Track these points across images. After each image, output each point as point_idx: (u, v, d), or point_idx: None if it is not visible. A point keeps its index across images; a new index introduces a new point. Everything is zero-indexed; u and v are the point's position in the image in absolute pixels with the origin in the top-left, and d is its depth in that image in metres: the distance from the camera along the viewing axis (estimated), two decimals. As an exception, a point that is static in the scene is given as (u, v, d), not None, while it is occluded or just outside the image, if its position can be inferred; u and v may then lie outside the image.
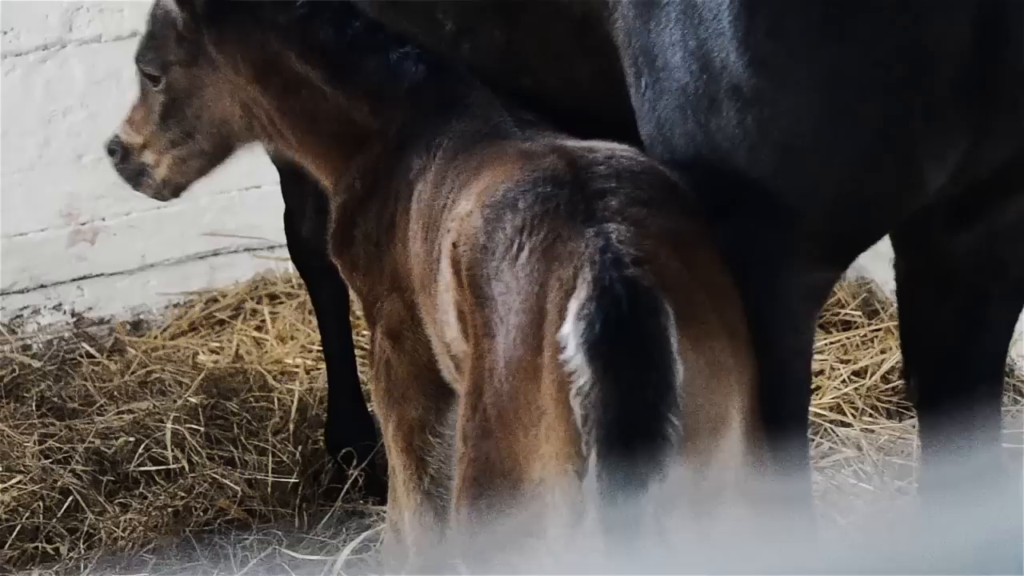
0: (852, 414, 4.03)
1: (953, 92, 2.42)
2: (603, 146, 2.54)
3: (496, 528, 2.28)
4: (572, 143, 2.61)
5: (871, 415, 4.04)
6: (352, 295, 3.53)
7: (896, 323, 4.32)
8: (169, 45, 3.18)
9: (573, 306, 2.20)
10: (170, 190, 3.37)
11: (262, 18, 3.10)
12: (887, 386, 4.14)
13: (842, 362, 4.23)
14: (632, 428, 2.14)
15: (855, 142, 2.43)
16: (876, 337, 4.33)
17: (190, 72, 3.18)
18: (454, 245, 2.52)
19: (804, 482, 2.70)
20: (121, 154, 3.37)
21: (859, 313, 4.43)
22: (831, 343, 4.30)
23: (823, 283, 2.66)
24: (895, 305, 4.39)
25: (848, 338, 4.32)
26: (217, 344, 4.69)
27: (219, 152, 3.28)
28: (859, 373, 4.20)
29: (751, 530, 2.22)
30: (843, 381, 4.14)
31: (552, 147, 2.60)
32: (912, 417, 3.97)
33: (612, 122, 2.64)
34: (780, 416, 2.54)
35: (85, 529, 3.84)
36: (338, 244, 3.11)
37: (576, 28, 2.68)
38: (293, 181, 3.80)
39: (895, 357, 4.18)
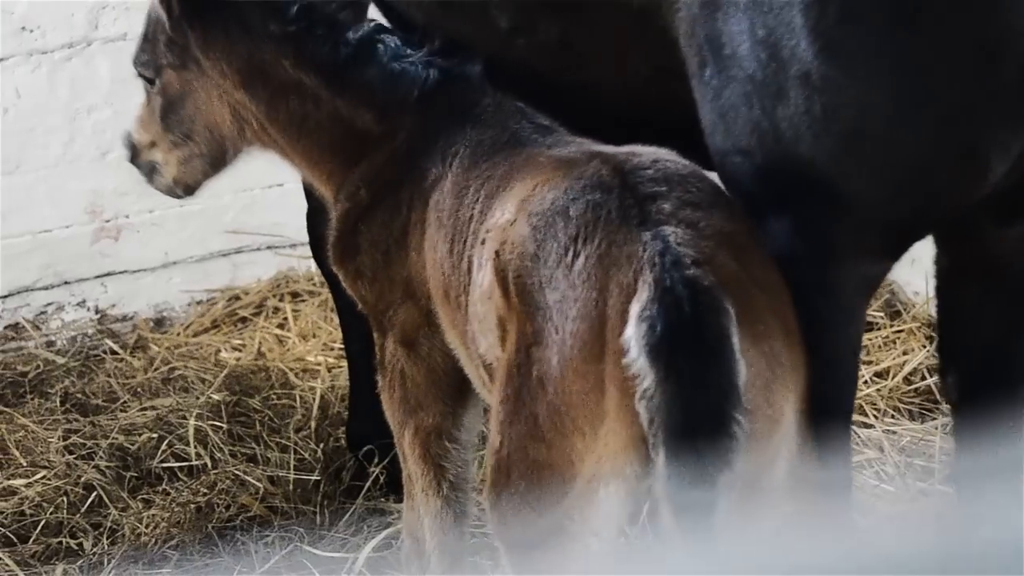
0: (874, 415, 4.03)
1: (1020, 82, 2.42)
2: (645, 151, 2.54)
3: (541, 521, 2.30)
4: (609, 149, 2.60)
5: (893, 416, 4.04)
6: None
7: (919, 324, 4.32)
8: (160, 48, 3.18)
9: (635, 309, 2.21)
10: (181, 188, 3.38)
11: (251, 25, 3.08)
12: (909, 387, 4.13)
13: (864, 363, 4.22)
14: (698, 429, 2.14)
15: (922, 130, 2.43)
16: (898, 338, 4.32)
17: (181, 76, 3.18)
18: (497, 254, 2.51)
19: (847, 478, 2.70)
20: (132, 151, 3.38)
21: (881, 314, 4.42)
22: (853, 344, 4.29)
23: (876, 274, 2.66)
24: (917, 306, 4.39)
25: (870, 339, 4.31)
26: (239, 341, 4.71)
27: (218, 155, 3.28)
28: (881, 374, 4.19)
29: (798, 525, 2.24)
30: (865, 382, 4.13)
31: (591, 153, 2.59)
32: (934, 419, 3.97)
33: (665, 114, 2.65)
34: (829, 411, 2.54)
35: (108, 525, 3.86)
36: (341, 253, 3.09)
37: (633, 21, 2.69)
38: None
39: (917, 358, 4.18)
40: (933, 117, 2.43)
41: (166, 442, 4.08)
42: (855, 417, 4.01)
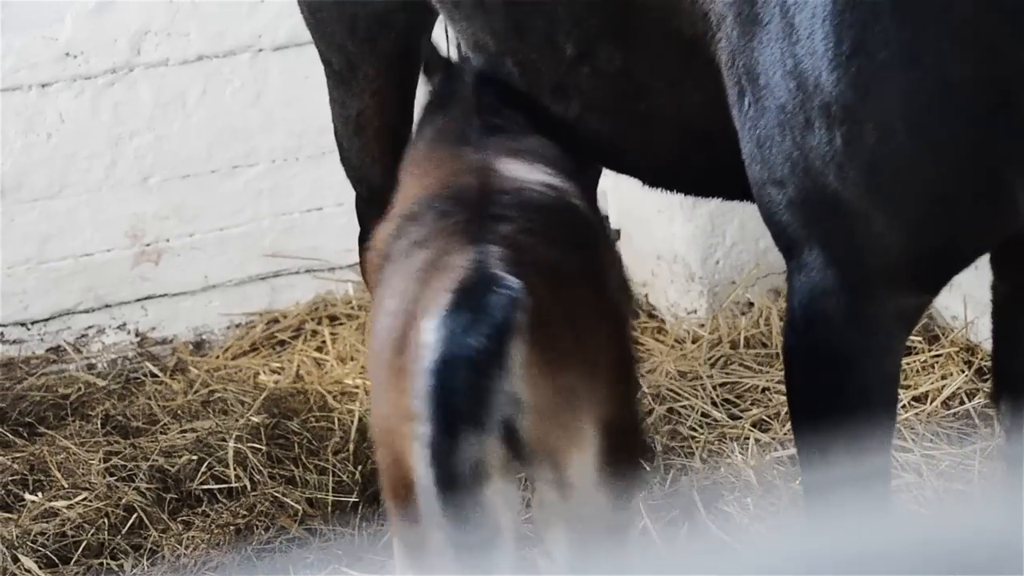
0: (912, 440, 4.01)
1: None
2: (523, 175, 2.61)
3: (415, 534, 2.26)
4: (500, 165, 2.66)
5: (932, 441, 4.01)
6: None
7: (957, 349, 4.30)
8: None
9: (439, 302, 2.24)
10: None
11: None
12: (948, 412, 4.11)
13: (902, 387, 4.20)
14: (455, 400, 2.15)
15: (939, 164, 2.42)
16: (937, 363, 4.30)
17: None
18: (372, 247, 2.60)
19: (886, 503, 2.69)
20: None
21: (919, 339, 4.40)
22: (891, 368, 4.28)
23: (914, 307, 2.63)
24: (956, 331, 4.38)
25: (908, 363, 4.30)
26: (278, 364, 4.73)
27: None
28: (920, 399, 4.18)
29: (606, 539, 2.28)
30: (903, 407, 4.12)
31: (478, 166, 2.65)
32: (973, 444, 3.95)
33: (722, 144, 2.66)
34: (866, 443, 2.53)
35: (148, 546, 3.87)
36: None
37: (685, 50, 2.71)
38: (370, 205, 3.85)
39: (956, 383, 4.16)
40: (950, 153, 2.41)
41: (206, 464, 4.10)
42: (894, 441, 4.00)
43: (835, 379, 2.60)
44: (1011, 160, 2.41)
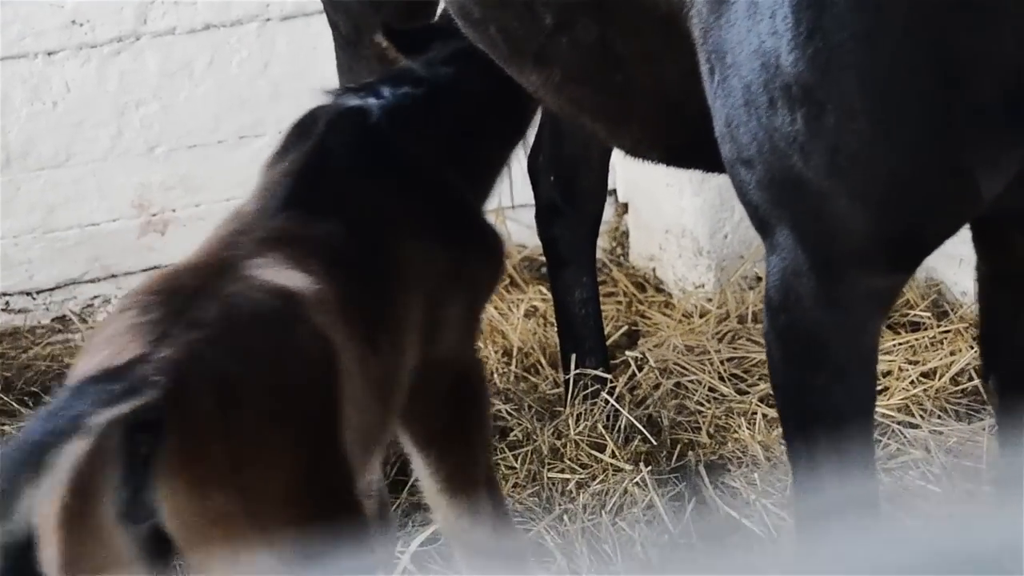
0: (920, 415, 4.00)
1: (1005, 99, 2.37)
2: (261, 276, 2.61)
3: None
4: (249, 257, 2.68)
5: (940, 417, 4.01)
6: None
7: (966, 325, 4.30)
8: None
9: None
10: None
11: None
12: (956, 388, 4.10)
13: (911, 363, 4.19)
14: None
15: (897, 146, 2.41)
16: (946, 339, 4.29)
17: None
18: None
19: (870, 492, 2.68)
20: None
21: (928, 314, 4.39)
22: (900, 344, 4.27)
23: (885, 288, 2.63)
24: (965, 307, 4.37)
25: (917, 339, 4.29)
26: (284, 336, 4.71)
27: None
28: (928, 374, 4.17)
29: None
30: (912, 382, 4.11)
31: (200, 265, 2.71)
32: (981, 420, 3.95)
33: (699, 117, 2.65)
34: (843, 425, 2.54)
35: (154, 516, 3.87)
36: None
37: (661, 24, 2.70)
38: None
39: (965, 359, 4.15)
40: (905, 133, 2.40)
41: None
42: (902, 417, 4.00)
43: (810, 359, 2.62)
44: (969, 144, 2.40)
